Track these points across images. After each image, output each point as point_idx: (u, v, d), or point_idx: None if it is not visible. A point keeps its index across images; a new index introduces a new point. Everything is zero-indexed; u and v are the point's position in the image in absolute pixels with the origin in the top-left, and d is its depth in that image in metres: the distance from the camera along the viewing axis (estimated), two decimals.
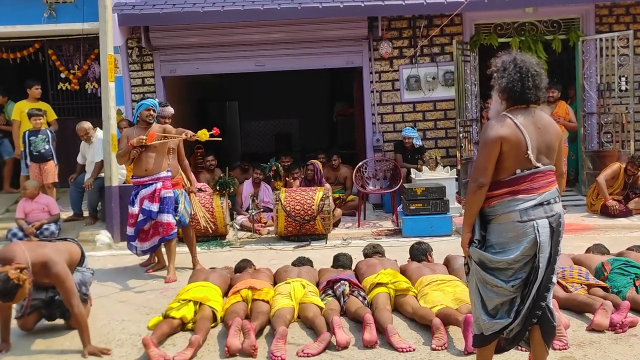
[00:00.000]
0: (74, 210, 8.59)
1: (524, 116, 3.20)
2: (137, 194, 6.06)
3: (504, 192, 3.17)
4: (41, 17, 9.32)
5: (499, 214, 3.19)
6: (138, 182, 6.08)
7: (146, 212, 5.98)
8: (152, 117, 6.16)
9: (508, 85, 3.22)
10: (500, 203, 3.18)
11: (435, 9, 9.11)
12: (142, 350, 4.11)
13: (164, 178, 6.09)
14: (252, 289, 4.76)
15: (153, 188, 6.01)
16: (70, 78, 9.87)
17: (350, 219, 8.59)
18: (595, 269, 5.04)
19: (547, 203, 3.16)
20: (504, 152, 3.15)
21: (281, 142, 15.31)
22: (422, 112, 9.73)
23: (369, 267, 5.27)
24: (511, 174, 3.17)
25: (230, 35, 9.47)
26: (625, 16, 9.61)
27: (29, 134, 8.38)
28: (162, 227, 6.04)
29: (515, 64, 3.23)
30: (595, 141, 9.55)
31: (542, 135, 3.20)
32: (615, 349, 3.97)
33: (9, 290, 3.87)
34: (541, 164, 3.18)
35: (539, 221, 3.12)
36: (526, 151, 3.14)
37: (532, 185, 3.15)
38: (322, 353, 4.03)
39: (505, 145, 3.14)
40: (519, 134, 3.15)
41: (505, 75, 3.24)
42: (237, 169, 9.50)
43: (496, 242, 3.19)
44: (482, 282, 3.23)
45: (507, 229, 3.16)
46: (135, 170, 6.16)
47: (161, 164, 6.09)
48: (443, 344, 4.03)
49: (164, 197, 6.03)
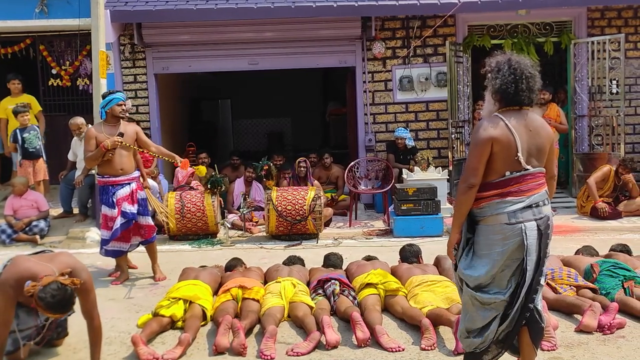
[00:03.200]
0: (64, 208, 8.55)
1: (516, 118, 3.20)
2: (114, 194, 5.65)
3: (493, 194, 3.17)
4: (33, 12, 9.25)
5: (487, 216, 3.19)
6: (114, 182, 5.67)
7: (129, 215, 5.65)
8: (125, 112, 5.81)
9: (502, 87, 3.21)
10: (488, 205, 3.18)
11: (429, 10, 9.12)
12: (131, 348, 4.10)
13: (137, 178, 5.84)
14: (242, 288, 4.75)
15: (130, 189, 5.71)
16: (62, 74, 9.81)
17: (342, 218, 8.59)
18: (585, 271, 5.07)
19: (536, 205, 3.17)
20: (494, 153, 3.14)
21: (273, 141, 15.32)
22: (414, 113, 9.75)
23: (359, 267, 5.29)
24: (500, 176, 3.17)
25: (223, 33, 9.44)
26: (617, 19, 9.67)
27: (21, 132, 8.33)
28: (144, 230, 5.80)
29: (509, 65, 3.22)
30: (586, 143, 9.61)
31: (533, 138, 3.20)
32: (603, 350, 3.99)
33: (69, 298, 3.45)
34: (531, 167, 3.19)
35: (527, 224, 3.13)
36: (516, 153, 3.15)
37: (521, 187, 3.16)
38: (312, 352, 4.03)
39: (495, 146, 3.13)
40: (510, 136, 3.15)
41: (499, 77, 3.23)
42: (228, 167, 9.49)
43: (484, 243, 3.20)
44: (478, 305, 3.23)
45: (494, 230, 3.16)
46: (107, 170, 5.68)
47: (133, 163, 5.81)
48: (432, 344, 4.04)
49: (140, 198, 5.77)
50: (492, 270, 3.17)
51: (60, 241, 7.60)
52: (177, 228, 7.54)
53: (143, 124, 9.46)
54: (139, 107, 9.64)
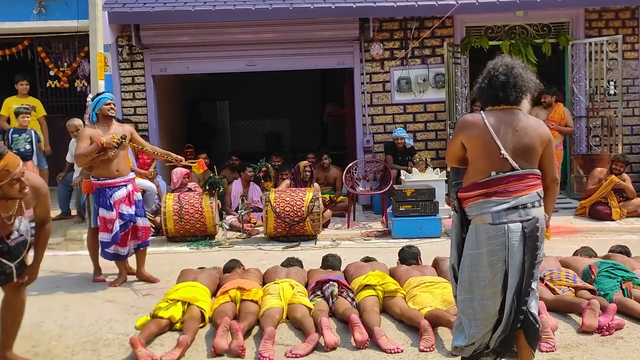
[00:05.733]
0: (62, 209, 8.54)
1: (499, 117, 3.21)
2: (111, 196, 5.62)
3: (478, 194, 3.19)
4: (30, 14, 9.25)
5: (474, 215, 3.22)
6: (110, 184, 5.64)
7: (127, 217, 5.63)
8: (113, 110, 5.76)
9: (480, 86, 3.32)
10: (474, 204, 3.20)
11: (427, 11, 9.13)
12: (130, 350, 4.09)
13: (133, 179, 5.84)
14: (240, 289, 4.74)
15: (126, 190, 5.70)
16: (60, 76, 9.81)
17: (340, 219, 8.59)
18: (583, 272, 5.07)
19: (524, 207, 3.15)
20: (471, 151, 3.24)
21: (272, 142, 15.32)
22: (412, 114, 9.75)
23: (357, 268, 5.29)
24: (486, 176, 3.18)
25: (221, 34, 9.44)
26: (615, 21, 9.68)
27: (13, 132, 8.31)
28: (141, 232, 5.79)
29: (492, 65, 3.30)
30: (584, 144, 9.62)
31: (519, 138, 3.18)
32: (602, 352, 3.99)
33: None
34: (518, 167, 3.18)
35: (511, 225, 3.13)
36: (499, 152, 3.15)
37: (507, 188, 3.15)
38: (311, 354, 4.03)
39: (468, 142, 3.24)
40: (487, 134, 3.17)
41: (480, 79, 3.33)
42: (227, 169, 9.48)
43: (473, 242, 3.21)
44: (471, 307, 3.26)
45: (480, 230, 3.18)
46: (103, 172, 5.65)
47: (128, 164, 5.84)
48: (431, 345, 4.04)
49: (137, 200, 5.78)
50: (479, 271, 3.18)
51: (58, 243, 7.58)
52: (175, 229, 7.53)
53: (141, 126, 9.46)
54: (137, 109, 9.63)
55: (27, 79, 9.18)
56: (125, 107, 9.54)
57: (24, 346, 4.34)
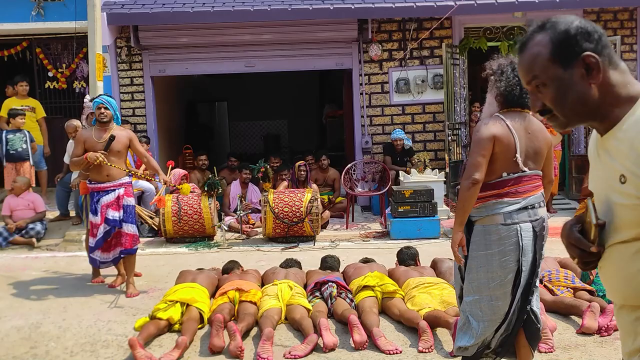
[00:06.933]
0: (60, 210, 8.52)
1: (516, 120, 3.23)
2: (98, 201, 5.48)
3: (490, 195, 3.19)
4: (29, 15, 9.24)
5: (483, 216, 3.22)
6: (98, 188, 5.50)
7: (111, 222, 5.44)
8: (104, 116, 5.51)
9: (507, 89, 3.24)
10: (485, 205, 3.20)
11: (425, 12, 9.14)
12: (129, 351, 4.09)
13: (127, 184, 5.61)
14: (239, 291, 4.74)
15: (116, 195, 5.50)
16: (58, 77, 9.80)
17: (339, 220, 8.60)
18: (581, 273, 5.07)
19: (532, 207, 3.19)
20: (494, 153, 3.17)
21: (270, 143, 15.31)
22: (411, 115, 9.76)
23: (356, 269, 5.28)
24: (498, 177, 3.20)
25: (220, 35, 9.45)
26: (613, 22, 9.70)
27: (7, 132, 8.30)
28: (125, 239, 5.52)
29: (513, 67, 3.25)
30: (582, 145, 9.62)
31: (531, 141, 3.23)
32: (601, 352, 4.00)
33: None
34: (527, 169, 3.21)
35: (523, 225, 3.15)
36: (514, 154, 3.17)
37: (518, 189, 3.18)
38: (309, 355, 4.03)
39: (497, 145, 3.16)
40: (510, 137, 3.18)
41: (503, 79, 3.26)
42: (225, 170, 9.48)
43: (481, 244, 3.21)
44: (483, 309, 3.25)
45: (490, 231, 3.18)
46: (94, 175, 5.53)
47: (123, 168, 5.63)
48: (430, 346, 4.04)
49: (126, 205, 5.53)
50: (489, 271, 3.18)
51: (56, 244, 7.58)
52: (174, 231, 7.53)
53: (140, 127, 9.46)
54: (135, 110, 9.63)
55: (26, 79, 9.18)
56: (124, 108, 9.53)
57: (22, 347, 4.34)
